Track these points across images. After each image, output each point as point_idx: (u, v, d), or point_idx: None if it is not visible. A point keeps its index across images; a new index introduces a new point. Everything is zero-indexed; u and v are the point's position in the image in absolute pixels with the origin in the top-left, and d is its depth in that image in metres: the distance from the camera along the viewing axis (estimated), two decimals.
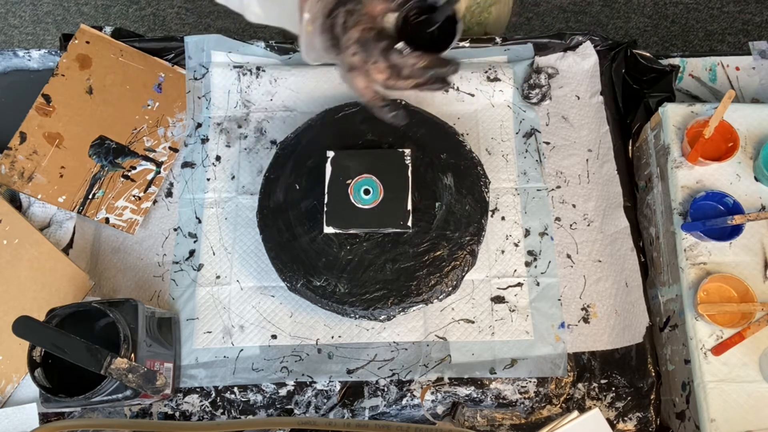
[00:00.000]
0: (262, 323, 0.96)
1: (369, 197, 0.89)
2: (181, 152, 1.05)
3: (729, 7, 2.15)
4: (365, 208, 0.89)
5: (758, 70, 1.09)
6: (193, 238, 1.01)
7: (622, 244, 1.00)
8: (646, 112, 1.04)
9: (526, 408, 0.93)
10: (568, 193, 1.03)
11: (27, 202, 1.00)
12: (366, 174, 0.90)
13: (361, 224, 0.89)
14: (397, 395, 0.93)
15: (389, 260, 0.90)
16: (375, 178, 0.89)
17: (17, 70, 1.11)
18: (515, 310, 0.96)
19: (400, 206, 0.89)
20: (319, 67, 1.08)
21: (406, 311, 0.89)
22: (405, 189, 0.89)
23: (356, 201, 0.89)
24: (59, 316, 0.82)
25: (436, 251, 0.90)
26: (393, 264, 0.89)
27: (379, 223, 0.88)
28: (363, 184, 0.89)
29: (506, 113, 1.07)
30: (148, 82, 1.07)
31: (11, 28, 2.18)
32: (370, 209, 0.89)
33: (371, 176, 0.90)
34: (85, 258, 1.00)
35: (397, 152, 0.91)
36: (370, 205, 0.89)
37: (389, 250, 0.90)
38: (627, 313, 0.97)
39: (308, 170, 0.95)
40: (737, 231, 0.87)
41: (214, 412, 0.93)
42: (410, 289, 0.88)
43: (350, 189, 0.89)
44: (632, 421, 0.93)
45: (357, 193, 0.89)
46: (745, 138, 0.94)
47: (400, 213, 0.88)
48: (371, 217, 0.88)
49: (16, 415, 0.90)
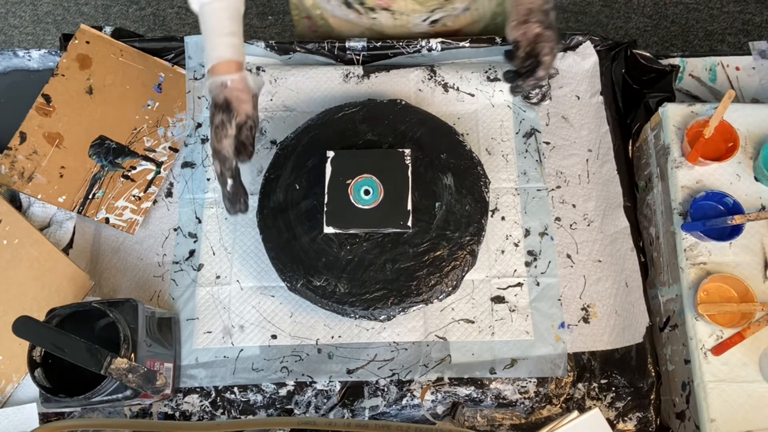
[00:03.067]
0: (262, 323, 0.96)
1: (369, 197, 0.89)
2: (181, 152, 1.05)
3: (729, 7, 2.15)
4: (365, 208, 0.89)
5: (758, 70, 1.09)
6: (193, 238, 1.01)
7: (622, 244, 1.00)
8: (646, 112, 1.04)
9: (526, 408, 0.93)
10: (568, 193, 1.03)
11: (27, 202, 1.00)
12: (366, 174, 0.90)
13: (361, 224, 0.88)
14: (397, 395, 0.93)
15: (389, 260, 0.89)
16: (375, 178, 0.89)
17: (17, 70, 1.12)
18: (515, 310, 0.96)
19: (400, 206, 0.89)
20: (319, 67, 1.08)
21: (406, 311, 0.89)
22: (405, 189, 0.89)
23: (356, 201, 0.89)
24: (59, 316, 0.82)
25: (436, 251, 0.90)
26: (393, 264, 0.89)
27: (379, 223, 0.88)
28: (363, 184, 0.89)
29: (506, 113, 1.07)
30: (148, 82, 1.07)
31: (11, 28, 2.18)
32: (370, 209, 0.89)
33: (371, 176, 0.90)
34: (85, 258, 1.00)
35: (397, 152, 0.91)
36: (370, 206, 0.89)
37: (389, 249, 0.90)
38: (627, 313, 0.97)
39: (308, 170, 0.95)
40: (737, 231, 0.87)
41: (214, 412, 0.93)
42: (410, 289, 0.88)
43: (350, 189, 0.89)
44: (632, 421, 0.93)
45: (357, 193, 0.89)
46: (745, 138, 0.94)
47: (400, 213, 0.88)
48: (371, 217, 0.88)
49: (16, 415, 0.90)
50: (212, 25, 0.86)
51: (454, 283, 0.90)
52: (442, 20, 1.08)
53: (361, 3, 1.03)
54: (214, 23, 0.86)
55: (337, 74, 1.08)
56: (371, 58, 1.10)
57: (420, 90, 1.07)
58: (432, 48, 1.08)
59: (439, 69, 1.08)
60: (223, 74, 0.84)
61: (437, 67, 1.08)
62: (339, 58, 1.10)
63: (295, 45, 1.08)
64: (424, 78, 1.07)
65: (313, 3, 1.12)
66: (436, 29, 1.11)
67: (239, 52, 0.86)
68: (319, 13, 1.14)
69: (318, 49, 1.08)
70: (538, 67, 0.87)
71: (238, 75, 0.84)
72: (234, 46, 0.86)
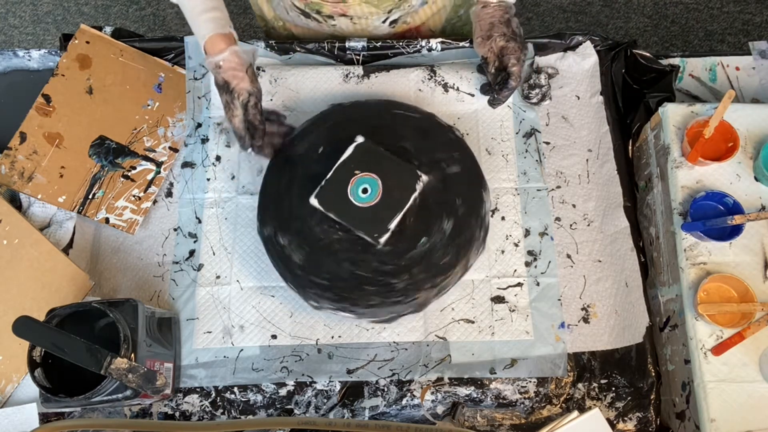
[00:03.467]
0: (262, 323, 0.96)
1: (365, 196, 0.87)
2: (181, 152, 1.05)
3: (729, 7, 2.15)
4: (355, 204, 0.86)
5: (758, 70, 1.09)
6: (193, 238, 1.01)
7: (622, 244, 1.00)
8: (646, 112, 1.04)
9: (526, 408, 0.93)
10: (568, 193, 1.03)
11: (27, 202, 1.00)
12: (375, 175, 0.87)
13: (342, 215, 0.85)
14: (397, 395, 0.93)
15: (349, 259, 0.86)
16: (380, 183, 0.86)
17: (17, 70, 1.11)
18: (515, 310, 0.96)
19: (384, 220, 0.85)
20: (319, 67, 1.08)
21: (336, 313, 0.88)
22: (399, 208, 0.85)
23: (351, 193, 0.86)
24: (59, 316, 0.82)
25: (393, 279, 0.86)
26: (351, 264, 0.86)
27: (357, 224, 0.85)
28: (366, 181, 0.87)
29: (506, 113, 1.07)
30: (148, 82, 1.07)
31: (11, 28, 2.18)
32: (359, 207, 0.86)
33: (378, 180, 0.86)
34: (85, 258, 1.00)
35: (415, 173, 0.87)
36: (360, 204, 0.86)
37: (357, 251, 0.87)
38: (627, 313, 0.97)
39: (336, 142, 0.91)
40: (737, 231, 0.87)
41: (214, 412, 0.93)
42: (346, 297, 0.86)
43: (353, 180, 0.87)
44: (632, 421, 0.93)
45: (356, 187, 0.86)
46: (745, 138, 0.94)
47: (380, 226, 0.85)
48: (355, 214, 0.85)
49: (16, 415, 0.90)
50: (191, 7, 0.88)
51: (386, 316, 0.89)
52: (402, 18, 1.08)
53: (318, 12, 1.04)
54: (193, 4, 0.88)
55: (337, 74, 1.08)
56: (371, 58, 1.10)
57: (420, 90, 1.07)
58: (432, 48, 1.08)
59: (439, 69, 1.08)
60: (215, 54, 0.86)
61: (437, 67, 1.08)
62: (339, 58, 1.10)
63: (295, 45, 1.08)
64: (424, 78, 1.07)
65: (274, 15, 1.14)
66: (397, 30, 1.10)
67: (222, 24, 0.87)
68: (281, 24, 1.15)
69: (318, 49, 1.08)
70: (509, 79, 0.90)
71: (228, 51, 0.86)
72: (216, 20, 0.87)
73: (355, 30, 1.09)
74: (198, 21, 0.87)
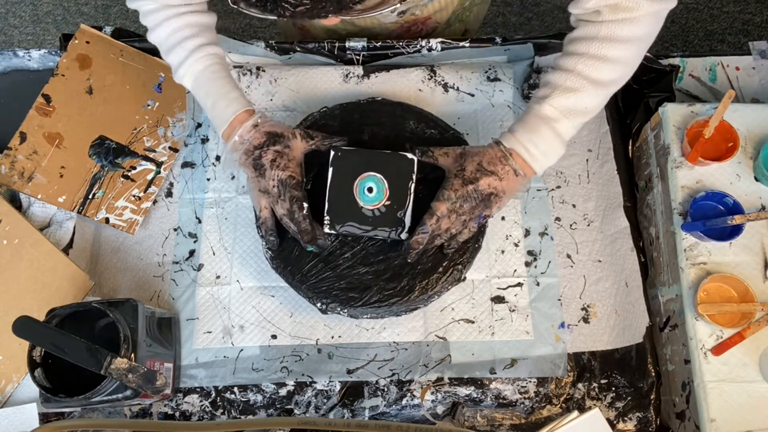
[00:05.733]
0: (262, 323, 0.96)
1: (372, 196, 0.86)
2: (181, 152, 1.05)
3: (729, 7, 2.15)
4: (367, 207, 0.86)
5: (758, 70, 1.09)
6: (193, 238, 1.01)
7: (622, 244, 1.00)
8: (646, 112, 1.04)
9: (526, 408, 0.93)
10: (568, 193, 1.03)
11: (27, 202, 1.00)
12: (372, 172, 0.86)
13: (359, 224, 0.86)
14: (397, 395, 0.93)
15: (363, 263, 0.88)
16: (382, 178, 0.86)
17: (17, 70, 1.11)
18: (515, 310, 0.96)
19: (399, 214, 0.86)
20: (319, 67, 1.08)
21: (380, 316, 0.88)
22: (406, 198, 0.86)
23: (359, 198, 0.85)
24: (59, 316, 0.82)
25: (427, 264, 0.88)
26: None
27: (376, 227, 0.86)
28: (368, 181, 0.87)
29: (506, 113, 1.07)
30: (148, 82, 1.07)
31: (11, 28, 2.18)
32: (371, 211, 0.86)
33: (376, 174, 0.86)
34: (85, 258, 1.00)
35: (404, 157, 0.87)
36: (371, 205, 0.86)
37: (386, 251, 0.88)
38: (627, 313, 0.97)
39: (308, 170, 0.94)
40: (737, 231, 0.88)
41: (214, 412, 0.93)
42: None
43: (355, 188, 0.86)
44: (632, 421, 0.93)
45: (362, 192, 0.86)
46: (745, 138, 0.94)
47: (397, 221, 0.85)
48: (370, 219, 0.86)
49: (16, 415, 0.90)
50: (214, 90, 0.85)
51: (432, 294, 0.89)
52: (410, 10, 1.07)
53: None
54: (217, 87, 0.85)
55: (337, 74, 1.08)
56: (371, 58, 1.10)
57: (420, 90, 1.07)
58: (432, 48, 1.08)
59: (439, 69, 1.08)
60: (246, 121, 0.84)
61: (437, 67, 1.08)
62: (339, 58, 1.10)
63: (295, 45, 1.08)
64: (424, 78, 1.07)
65: None
66: (405, 19, 1.09)
67: (246, 103, 0.86)
68: None
69: (318, 49, 1.08)
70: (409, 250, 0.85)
71: (259, 115, 0.85)
72: (241, 98, 0.86)
73: (363, 19, 1.08)
74: (224, 102, 0.84)
